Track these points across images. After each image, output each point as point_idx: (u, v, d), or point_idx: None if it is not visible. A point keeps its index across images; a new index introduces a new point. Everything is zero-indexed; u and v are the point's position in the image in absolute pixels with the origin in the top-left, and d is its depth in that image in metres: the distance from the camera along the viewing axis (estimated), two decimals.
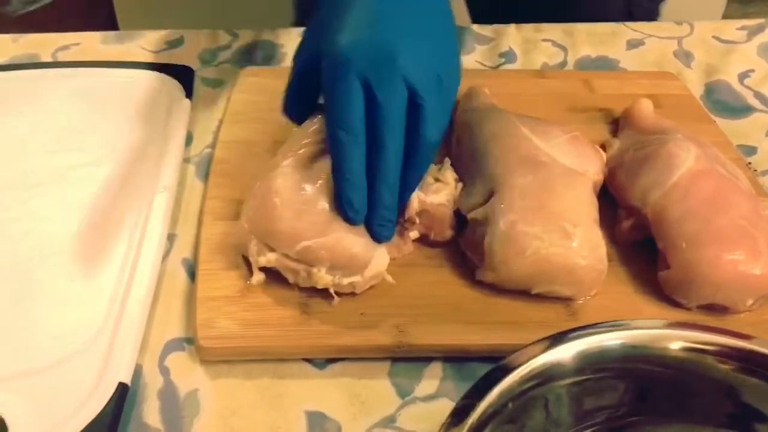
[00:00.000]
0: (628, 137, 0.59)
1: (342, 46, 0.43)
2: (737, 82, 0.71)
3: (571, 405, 0.35)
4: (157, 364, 0.45)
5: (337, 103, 0.44)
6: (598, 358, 0.33)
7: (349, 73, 0.43)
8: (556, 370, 0.34)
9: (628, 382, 0.35)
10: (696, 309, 0.48)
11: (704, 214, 0.48)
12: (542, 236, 0.47)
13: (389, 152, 0.44)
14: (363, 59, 0.43)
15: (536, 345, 0.34)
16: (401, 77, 0.43)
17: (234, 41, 0.73)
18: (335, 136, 0.44)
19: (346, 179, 0.44)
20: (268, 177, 0.46)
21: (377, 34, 0.44)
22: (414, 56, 0.44)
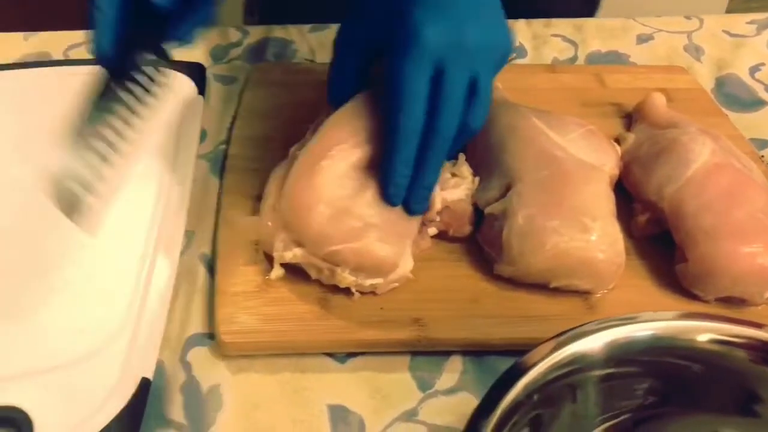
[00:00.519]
0: (642, 131, 0.59)
1: (419, 32, 0.43)
2: (748, 75, 0.71)
3: (597, 396, 0.35)
4: (178, 360, 0.45)
5: (404, 91, 0.44)
6: (627, 349, 0.34)
7: (424, 60, 0.43)
8: (584, 360, 0.34)
9: (654, 373, 0.35)
10: (714, 301, 0.48)
11: (721, 208, 0.49)
12: (561, 230, 0.47)
13: (444, 138, 0.45)
14: (439, 46, 0.43)
15: (564, 335, 0.34)
16: (469, 65, 0.44)
17: (245, 38, 0.73)
18: (397, 121, 0.44)
19: (396, 168, 0.45)
20: (310, 171, 0.46)
21: (451, 20, 0.44)
22: (481, 45, 0.45)
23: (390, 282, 0.47)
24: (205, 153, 0.60)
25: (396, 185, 0.45)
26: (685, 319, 0.35)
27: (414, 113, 0.44)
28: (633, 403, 0.36)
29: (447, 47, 0.43)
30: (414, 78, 0.43)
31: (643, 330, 0.34)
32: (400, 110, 0.44)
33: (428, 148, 0.45)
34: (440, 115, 0.44)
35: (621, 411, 0.36)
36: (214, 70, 0.68)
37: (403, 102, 0.44)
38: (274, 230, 0.47)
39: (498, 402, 0.34)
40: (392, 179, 0.45)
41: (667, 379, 0.35)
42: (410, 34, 0.43)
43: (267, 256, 0.49)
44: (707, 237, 0.47)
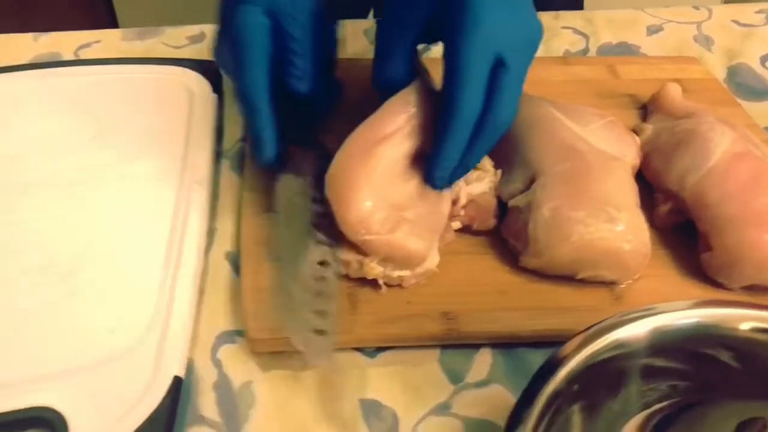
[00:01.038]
0: (659, 122, 0.59)
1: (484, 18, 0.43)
2: (759, 65, 0.71)
3: (638, 384, 0.35)
4: (209, 358, 0.45)
5: (466, 76, 0.43)
6: (670, 337, 0.34)
7: (487, 47, 0.43)
8: (626, 347, 0.34)
9: (696, 361, 0.35)
10: (738, 290, 0.49)
11: (744, 197, 0.49)
12: (587, 221, 0.47)
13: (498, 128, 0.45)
14: (501, 34, 0.43)
15: (609, 321, 0.35)
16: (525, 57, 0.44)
17: None
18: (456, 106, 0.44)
19: (448, 152, 0.45)
20: (366, 153, 0.46)
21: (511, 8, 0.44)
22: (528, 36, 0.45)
23: (417, 276, 0.47)
24: (224, 151, 0.60)
25: (444, 168, 0.45)
26: (728, 308, 0.35)
27: (473, 100, 0.43)
28: (673, 391, 0.36)
29: (508, 36, 0.43)
30: (476, 64, 0.43)
31: (687, 318, 0.34)
32: (460, 95, 0.43)
33: (480, 137, 0.45)
34: (498, 105, 0.43)
35: (661, 399, 0.36)
36: None
37: (464, 87, 0.43)
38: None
39: (540, 391, 0.34)
40: (442, 162, 0.45)
41: (709, 366, 0.35)
42: (474, 19, 0.43)
43: None
44: (732, 226, 0.48)
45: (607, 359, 0.35)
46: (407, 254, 0.45)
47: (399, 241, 0.45)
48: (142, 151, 0.57)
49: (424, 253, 0.46)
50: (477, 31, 0.43)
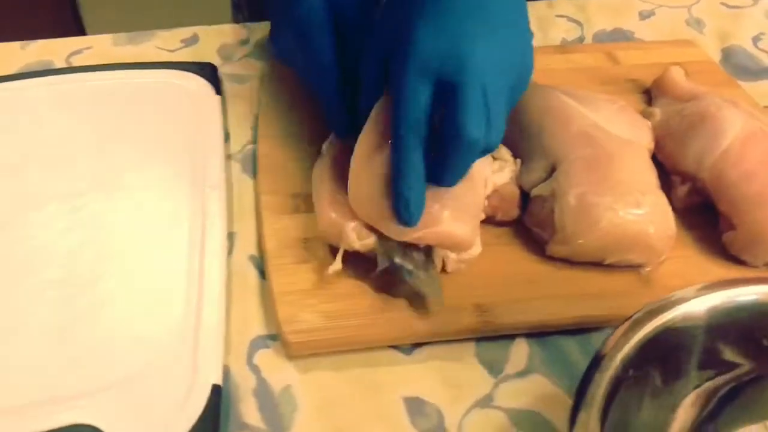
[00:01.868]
0: (666, 105, 0.60)
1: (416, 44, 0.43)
2: (752, 45, 0.72)
3: (698, 360, 0.35)
4: (245, 364, 0.44)
5: (401, 101, 0.43)
6: (729, 314, 0.34)
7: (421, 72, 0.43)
8: (686, 324, 0.34)
9: (754, 338, 0.36)
10: (763, 266, 0.49)
11: (762, 175, 0.49)
12: (614, 206, 0.47)
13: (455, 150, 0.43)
14: (436, 59, 0.42)
15: (671, 298, 0.35)
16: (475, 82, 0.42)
17: (251, 35, 0.72)
18: (396, 132, 0.43)
19: (401, 181, 0.43)
20: (372, 167, 0.46)
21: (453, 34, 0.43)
22: (488, 62, 0.43)
23: (461, 260, 0.47)
24: (232, 153, 0.59)
25: (403, 198, 0.43)
26: None
27: (410, 124, 0.43)
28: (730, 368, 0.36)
29: (445, 61, 0.42)
30: (409, 89, 0.42)
31: (746, 294, 0.35)
32: (397, 119, 0.43)
33: (444, 155, 0.43)
34: (450, 121, 0.42)
35: (718, 375, 0.36)
36: (225, 70, 0.67)
37: (400, 112, 0.43)
38: (341, 221, 0.46)
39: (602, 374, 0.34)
40: (400, 193, 0.44)
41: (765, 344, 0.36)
42: (408, 45, 0.43)
43: (317, 252, 0.49)
44: (754, 204, 0.48)
45: (665, 337, 0.35)
46: (456, 241, 0.46)
47: (445, 231, 0.45)
48: (150, 157, 0.56)
49: (471, 238, 0.46)
50: (409, 58, 0.43)
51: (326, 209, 0.47)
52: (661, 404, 0.37)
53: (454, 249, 0.47)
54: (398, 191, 0.44)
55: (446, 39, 0.43)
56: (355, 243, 0.47)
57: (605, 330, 0.47)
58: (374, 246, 0.46)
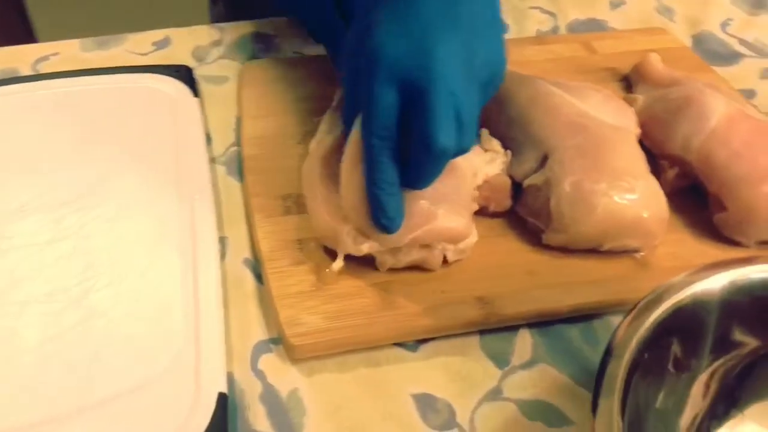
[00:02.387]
0: (646, 91, 0.60)
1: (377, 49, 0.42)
2: (720, 31, 0.74)
3: (713, 336, 0.36)
4: (250, 370, 0.43)
5: (368, 107, 0.42)
6: (743, 291, 0.35)
7: (383, 77, 0.41)
8: (699, 303, 0.35)
9: (763, 315, 0.36)
10: (754, 245, 0.50)
11: (750, 155, 0.50)
12: (609, 192, 0.47)
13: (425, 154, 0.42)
14: (400, 63, 0.41)
15: (687, 276, 0.35)
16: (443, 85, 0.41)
17: (224, 36, 0.70)
18: (366, 140, 0.42)
19: (380, 186, 0.42)
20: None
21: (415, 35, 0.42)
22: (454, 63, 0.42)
23: (458, 252, 0.47)
24: (216, 156, 0.57)
25: (380, 206, 0.42)
26: None
27: (377, 132, 0.42)
28: (739, 347, 0.37)
29: (411, 66, 0.41)
30: (375, 95, 0.41)
31: (758, 272, 0.35)
32: (365, 126, 0.42)
33: (416, 163, 0.43)
34: (416, 136, 0.41)
35: (728, 356, 0.37)
36: (200, 72, 0.66)
37: (367, 119, 0.42)
38: (336, 224, 0.45)
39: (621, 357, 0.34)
40: (376, 201, 0.43)
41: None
42: (372, 50, 0.42)
43: (312, 253, 0.48)
44: (744, 184, 0.49)
45: (678, 318, 0.35)
46: (453, 234, 0.45)
47: (440, 227, 0.45)
48: (132, 163, 0.55)
49: (466, 230, 0.46)
50: (375, 67, 0.42)
51: (321, 212, 0.47)
52: (675, 386, 0.37)
53: (452, 241, 0.46)
54: (373, 199, 0.42)
55: (411, 42, 0.42)
56: (350, 248, 0.46)
57: (605, 317, 0.48)
58: (367, 250, 0.45)
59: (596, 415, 0.33)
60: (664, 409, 0.37)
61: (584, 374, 0.44)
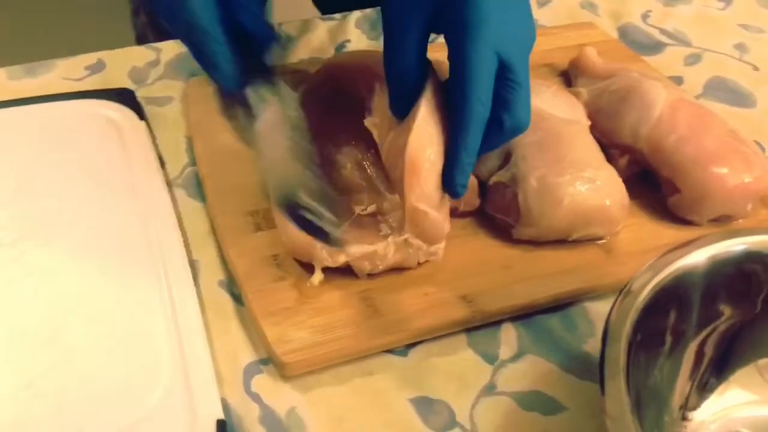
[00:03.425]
0: (587, 84, 0.63)
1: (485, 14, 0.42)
2: (642, 22, 0.77)
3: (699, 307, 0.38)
4: (244, 393, 0.43)
5: (473, 77, 0.41)
6: (725, 262, 0.37)
7: (489, 46, 0.41)
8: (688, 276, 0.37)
9: (742, 284, 0.38)
10: (707, 223, 0.53)
11: (696, 138, 0.53)
12: (573, 184, 0.49)
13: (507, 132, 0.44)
14: (503, 32, 0.42)
15: (674, 252, 0.37)
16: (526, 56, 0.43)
17: (161, 55, 0.68)
18: (468, 109, 0.42)
19: (465, 158, 0.43)
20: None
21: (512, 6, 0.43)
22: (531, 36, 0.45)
23: (430, 253, 0.48)
24: (172, 179, 0.56)
25: (465, 173, 0.43)
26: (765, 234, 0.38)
27: (483, 100, 0.42)
28: (720, 318, 0.39)
29: (510, 35, 0.42)
30: (483, 63, 0.41)
31: (737, 245, 0.37)
32: (470, 97, 0.41)
33: (494, 141, 0.44)
34: (515, 106, 0.42)
35: (717, 322, 0.39)
36: (141, 94, 0.64)
37: (473, 88, 0.41)
38: (308, 240, 0.45)
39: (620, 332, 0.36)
40: (462, 168, 0.43)
41: (754, 288, 0.39)
42: (479, 16, 0.41)
43: (290, 268, 0.48)
44: (694, 166, 0.52)
45: (664, 297, 0.37)
46: (438, 234, 0.46)
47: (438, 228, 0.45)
48: (89, 193, 0.53)
49: (446, 226, 0.46)
50: (482, 29, 0.42)
51: (289, 227, 0.46)
52: (665, 363, 0.39)
53: (433, 242, 0.47)
54: (461, 165, 0.43)
55: (514, 10, 0.43)
56: (326, 261, 0.46)
57: (580, 303, 0.49)
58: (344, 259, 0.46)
59: (606, 396, 0.34)
60: (656, 387, 0.39)
61: (570, 361, 0.46)
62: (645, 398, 0.38)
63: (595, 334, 0.47)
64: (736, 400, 0.40)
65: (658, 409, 0.39)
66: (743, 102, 0.67)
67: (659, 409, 0.39)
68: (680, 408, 0.40)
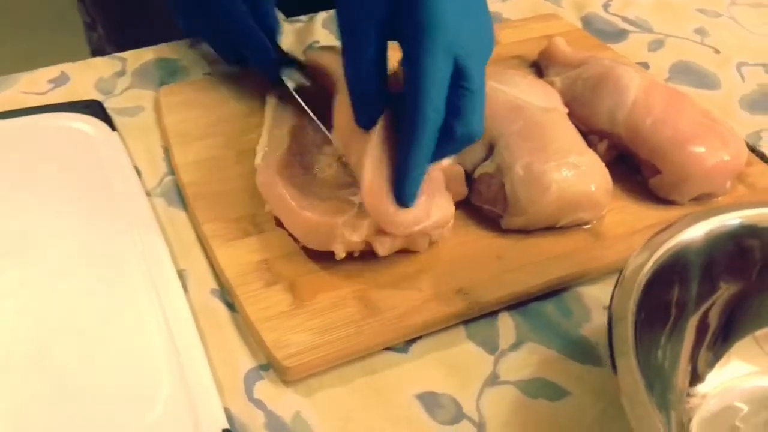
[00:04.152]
0: (559, 73, 0.63)
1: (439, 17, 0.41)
2: (603, 11, 0.79)
3: (699, 280, 0.39)
4: (247, 401, 0.42)
5: (427, 82, 0.41)
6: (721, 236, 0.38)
7: (445, 50, 0.41)
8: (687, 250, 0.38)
9: (740, 257, 0.39)
10: (688, 203, 0.54)
11: (672, 120, 0.54)
12: (559, 170, 0.50)
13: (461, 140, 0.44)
14: (459, 35, 0.41)
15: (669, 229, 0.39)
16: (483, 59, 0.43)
17: (126, 65, 0.67)
18: (421, 115, 0.41)
19: (417, 165, 0.42)
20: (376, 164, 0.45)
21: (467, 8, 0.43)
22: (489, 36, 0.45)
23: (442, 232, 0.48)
24: (150, 189, 0.55)
25: (415, 183, 0.43)
26: (758, 208, 0.39)
27: (437, 107, 0.41)
28: (724, 290, 0.40)
29: (466, 39, 0.41)
30: (438, 69, 0.40)
31: (733, 219, 0.38)
32: (423, 104, 0.41)
33: (448, 149, 0.44)
34: (468, 113, 0.42)
35: (714, 296, 0.40)
36: (110, 105, 0.62)
37: (426, 95, 0.41)
38: (328, 218, 0.45)
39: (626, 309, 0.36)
40: (412, 176, 0.43)
41: (749, 261, 0.39)
42: (434, 20, 0.41)
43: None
44: (673, 147, 0.53)
45: (662, 274, 0.38)
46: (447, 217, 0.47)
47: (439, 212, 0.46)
48: (67, 208, 0.51)
49: (452, 209, 0.48)
50: (437, 33, 0.41)
51: (302, 215, 0.45)
52: (668, 342, 0.40)
53: (443, 225, 0.47)
54: (409, 174, 0.42)
55: (468, 15, 0.43)
56: (352, 236, 0.45)
57: (572, 288, 0.49)
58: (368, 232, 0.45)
59: (618, 375, 0.34)
60: (659, 366, 0.40)
61: (569, 346, 0.46)
62: (650, 378, 0.38)
63: (591, 319, 0.48)
64: (736, 373, 0.41)
65: (663, 388, 0.39)
66: (708, 84, 0.69)
67: (664, 387, 0.40)
68: (683, 385, 0.40)
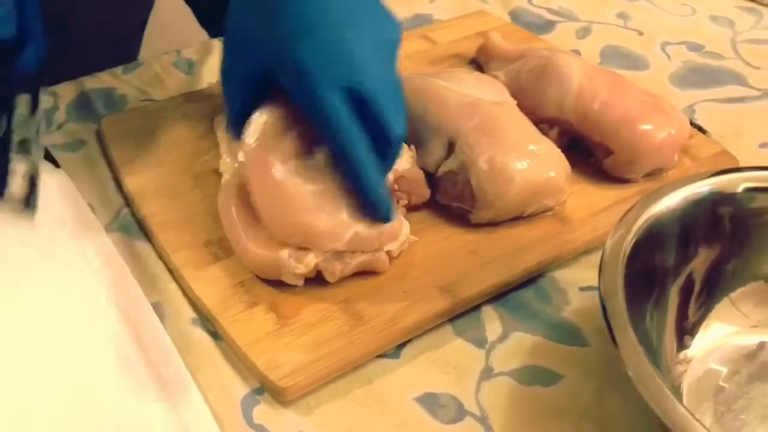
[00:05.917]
0: (500, 68, 0.64)
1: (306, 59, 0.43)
2: (529, 4, 0.81)
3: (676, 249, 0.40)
4: (247, 427, 0.41)
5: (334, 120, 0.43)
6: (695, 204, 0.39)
7: (332, 86, 0.42)
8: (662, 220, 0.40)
9: (710, 223, 0.41)
10: (641, 179, 0.56)
11: (618, 102, 0.56)
12: (521, 161, 0.51)
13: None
14: (335, 70, 0.43)
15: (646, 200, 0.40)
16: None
17: (58, 99, 0.64)
18: (348, 149, 0.43)
19: (378, 182, 0.44)
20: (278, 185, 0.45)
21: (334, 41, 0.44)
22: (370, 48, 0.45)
23: (400, 244, 0.48)
24: (107, 224, 0.53)
25: (386, 200, 0.45)
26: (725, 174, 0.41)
27: (356, 135, 0.43)
28: (701, 257, 0.42)
29: (345, 72, 0.43)
30: (331, 105, 0.42)
31: (704, 186, 0.40)
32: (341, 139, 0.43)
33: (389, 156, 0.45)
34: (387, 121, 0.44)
35: (691, 263, 0.41)
36: (48, 141, 0.59)
37: (337, 128, 0.43)
38: (272, 251, 0.45)
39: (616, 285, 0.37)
40: (379, 199, 0.44)
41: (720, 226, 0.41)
42: (304, 63, 0.43)
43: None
44: (623, 127, 0.55)
45: (643, 246, 0.40)
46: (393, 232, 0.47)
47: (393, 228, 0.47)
48: (22, 257, 0.48)
49: (399, 224, 0.48)
50: (318, 77, 0.42)
51: (250, 248, 0.45)
52: (653, 316, 0.41)
53: (392, 239, 0.47)
54: (376, 196, 0.44)
55: (336, 51, 0.43)
56: (298, 268, 0.45)
57: (547, 274, 0.51)
58: (314, 266, 0.45)
59: (620, 348, 0.35)
60: (648, 339, 0.41)
61: (553, 330, 0.47)
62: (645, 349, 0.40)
63: (570, 301, 0.49)
64: (717, 335, 0.43)
65: (654, 358, 0.41)
66: (638, 65, 0.72)
67: (654, 357, 0.41)
68: (671, 353, 0.42)
